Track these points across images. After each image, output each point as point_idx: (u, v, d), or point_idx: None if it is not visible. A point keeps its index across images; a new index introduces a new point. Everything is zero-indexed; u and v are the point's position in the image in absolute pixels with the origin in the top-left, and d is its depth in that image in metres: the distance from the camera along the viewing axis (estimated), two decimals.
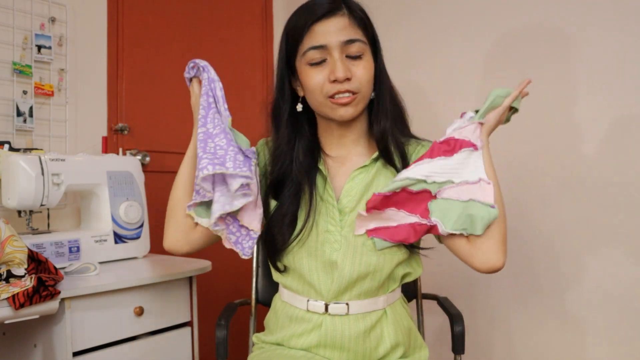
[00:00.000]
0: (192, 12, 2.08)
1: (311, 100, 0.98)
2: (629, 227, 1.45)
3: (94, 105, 1.77)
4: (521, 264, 1.66)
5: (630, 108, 1.45)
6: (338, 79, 0.92)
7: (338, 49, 0.93)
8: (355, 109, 0.96)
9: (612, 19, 1.47)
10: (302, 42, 0.95)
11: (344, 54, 0.94)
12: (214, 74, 1.04)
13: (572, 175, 1.55)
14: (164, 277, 1.32)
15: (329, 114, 0.97)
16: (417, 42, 1.92)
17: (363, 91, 0.95)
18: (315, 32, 0.93)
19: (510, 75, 1.67)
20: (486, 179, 0.92)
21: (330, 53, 0.93)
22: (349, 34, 0.93)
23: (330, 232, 0.98)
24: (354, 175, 1.00)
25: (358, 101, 0.95)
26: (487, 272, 0.95)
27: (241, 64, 2.28)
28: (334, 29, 0.93)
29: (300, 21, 0.96)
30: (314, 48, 0.93)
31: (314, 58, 0.94)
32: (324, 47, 0.93)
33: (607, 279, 1.49)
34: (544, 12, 1.61)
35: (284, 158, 1.01)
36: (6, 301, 1.01)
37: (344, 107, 0.95)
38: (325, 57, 0.94)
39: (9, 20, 1.54)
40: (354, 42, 0.93)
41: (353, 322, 0.97)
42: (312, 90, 0.95)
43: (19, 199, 1.31)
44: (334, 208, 0.99)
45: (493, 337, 1.73)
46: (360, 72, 0.94)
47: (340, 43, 0.93)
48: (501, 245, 0.93)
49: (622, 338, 1.46)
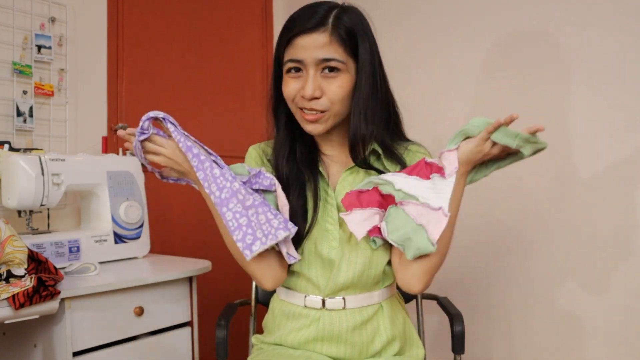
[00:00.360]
0: (192, 12, 2.09)
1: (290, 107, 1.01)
2: (628, 226, 1.45)
3: (94, 105, 1.77)
4: (521, 264, 1.66)
5: (629, 108, 1.45)
6: (305, 96, 0.94)
7: (313, 65, 0.94)
8: (324, 126, 0.97)
9: (611, 20, 1.47)
10: (285, 52, 0.98)
11: (320, 70, 0.95)
12: (176, 122, 0.96)
13: (571, 176, 1.55)
14: (164, 277, 1.32)
15: (302, 125, 0.99)
16: (416, 43, 1.92)
17: (333, 109, 0.96)
18: (295, 45, 0.95)
19: (510, 76, 1.67)
20: (446, 209, 0.91)
21: (305, 67, 0.95)
22: (326, 52, 0.93)
23: (329, 231, 1.00)
24: (345, 176, 1.03)
25: (327, 118, 0.97)
26: (403, 289, 0.98)
27: (241, 64, 2.28)
28: (312, 46, 0.94)
29: (285, 30, 0.98)
30: (291, 60, 0.96)
31: (291, 68, 0.97)
32: (299, 61, 0.95)
33: (607, 279, 1.49)
34: (543, 13, 1.61)
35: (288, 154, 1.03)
36: (6, 301, 1.01)
37: (312, 124, 0.97)
38: (301, 70, 0.96)
39: (9, 20, 1.54)
40: (329, 60, 0.94)
41: (350, 316, 0.99)
42: (287, 99, 0.98)
43: (19, 199, 1.31)
44: (333, 207, 1.01)
45: (493, 337, 1.73)
46: (332, 91, 0.94)
47: (317, 61, 0.94)
48: (424, 275, 0.95)
49: (622, 338, 1.46)
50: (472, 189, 1.78)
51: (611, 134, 1.48)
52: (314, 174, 1.03)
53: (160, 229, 1.90)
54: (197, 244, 2.03)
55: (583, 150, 1.54)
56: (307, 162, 1.03)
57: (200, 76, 2.11)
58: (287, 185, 1.02)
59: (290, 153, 1.04)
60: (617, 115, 1.47)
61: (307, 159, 1.03)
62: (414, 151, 1.06)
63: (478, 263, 1.76)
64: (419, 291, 0.97)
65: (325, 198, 1.02)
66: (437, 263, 0.95)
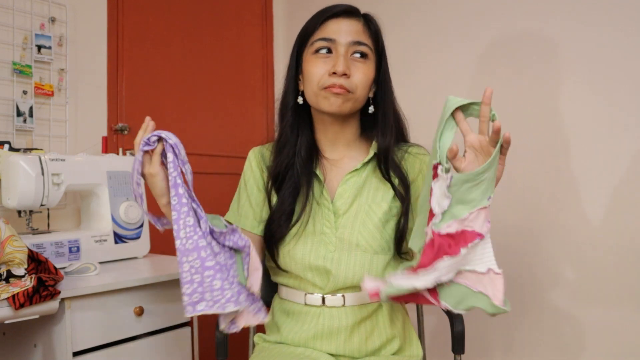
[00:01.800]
0: (192, 12, 2.08)
1: (307, 91, 1.01)
2: (628, 226, 1.45)
3: (94, 105, 1.77)
4: (521, 265, 1.66)
5: (625, 108, 1.45)
6: (337, 72, 0.94)
7: (345, 46, 0.96)
8: (345, 104, 0.98)
9: (607, 23, 1.47)
10: (314, 34, 0.99)
11: (349, 54, 0.97)
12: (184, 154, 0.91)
13: (572, 176, 1.55)
14: (164, 277, 1.32)
15: (320, 104, 0.99)
16: (414, 43, 1.92)
17: (357, 93, 0.98)
18: (328, 25, 0.98)
19: (506, 75, 1.67)
20: (495, 269, 0.82)
21: (336, 48, 0.97)
22: (359, 37, 0.98)
23: (325, 234, 1.00)
24: (347, 179, 1.03)
25: (349, 99, 0.97)
26: None
27: (241, 64, 2.28)
28: (346, 28, 0.97)
29: (316, 16, 1.01)
30: (323, 39, 0.97)
31: (320, 47, 0.97)
32: (332, 40, 0.97)
33: (607, 279, 1.49)
34: (540, 12, 1.61)
35: (288, 149, 1.03)
36: (6, 301, 1.01)
37: (335, 96, 0.96)
38: (331, 50, 0.97)
39: (9, 20, 1.54)
40: (361, 44, 0.97)
41: (350, 313, 0.99)
42: (310, 80, 0.98)
43: (19, 199, 1.31)
44: (329, 211, 1.01)
45: (493, 337, 1.73)
46: (359, 74, 0.97)
47: (348, 42, 0.96)
48: None
49: (622, 338, 1.46)
50: None
51: (604, 134, 1.48)
52: (310, 175, 1.03)
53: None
54: None
55: (583, 150, 1.54)
56: (305, 164, 1.03)
57: (200, 76, 2.11)
58: (281, 183, 1.02)
59: (292, 151, 1.04)
60: (613, 115, 1.47)
61: (306, 161, 1.03)
62: (414, 154, 1.06)
63: None
64: None
65: (319, 201, 1.02)
66: None
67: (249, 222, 1.08)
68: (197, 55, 2.10)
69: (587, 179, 1.53)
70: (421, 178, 1.05)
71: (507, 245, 1.69)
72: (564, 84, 1.57)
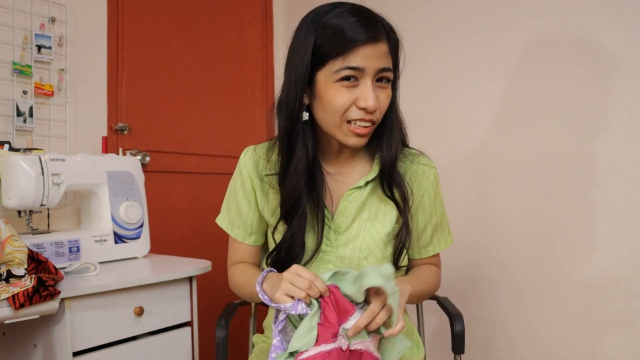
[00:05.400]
0: (192, 12, 2.09)
1: (324, 117, 0.93)
2: (627, 225, 1.45)
3: (94, 105, 1.77)
4: (521, 264, 1.66)
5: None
6: (368, 108, 0.88)
7: (372, 75, 0.89)
8: (367, 139, 0.94)
9: (613, 20, 1.48)
10: (338, 58, 0.88)
11: (374, 80, 0.90)
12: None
13: (572, 176, 1.55)
14: (164, 277, 1.32)
15: (339, 138, 0.93)
16: (416, 42, 1.92)
17: (379, 120, 0.94)
18: (356, 53, 0.87)
19: (505, 78, 1.67)
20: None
21: (363, 77, 0.89)
22: (386, 62, 0.90)
23: (325, 252, 0.99)
24: (348, 194, 1.00)
25: (372, 131, 0.94)
26: None
27: (241, 64, 2.28)
28: (375, 55, 0.88)
29: (342, 41, 0.88)
30: (350, 68, 0.88)
31: (347, 77, 0.88)
32: (361, 69, 0.88)
33: (608, 278, 1.49)
34: (547, 15, 1.61)
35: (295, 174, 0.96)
36: (6, 301, 1.01)
37: (359, 137, 0.91)
38: (358, 79, 0.89)
39: (9, 20, 1.54)
40: (387, 70, 0.91)
41: None
42: (333, 110, 0.90)
43: (19, 199, 1.31)
44: (330, 229, 0.99)
45: (493, 337, 1.73)
46: (383, 102, 0.92)
47: (376, 70, 0.89)
48: None
49: (623, 338, 1.46)
50: (473, 189, 1.78)
51: (622, 138, 1.48)
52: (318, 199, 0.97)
53: (160, 229, 1.90)
54: (197, 244, 2.03)
55: (582, 152, 1.54)
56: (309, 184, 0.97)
57: (200, 76, 2.11)
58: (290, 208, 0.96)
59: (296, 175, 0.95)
60: (613, 115, 1.47)
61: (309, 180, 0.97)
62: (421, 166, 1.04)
63: (478, 263, 1.76)
64: None
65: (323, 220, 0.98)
66: None
67: (241, 233, 1.08)
68: (197, 55, 2.10)
69: (593, 181, 1.53)
70: (427, 197, 1.04)
71: (508, 245, 1.69)
72: (567, 84, 1.57)
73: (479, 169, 1.76)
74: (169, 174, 1.98)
